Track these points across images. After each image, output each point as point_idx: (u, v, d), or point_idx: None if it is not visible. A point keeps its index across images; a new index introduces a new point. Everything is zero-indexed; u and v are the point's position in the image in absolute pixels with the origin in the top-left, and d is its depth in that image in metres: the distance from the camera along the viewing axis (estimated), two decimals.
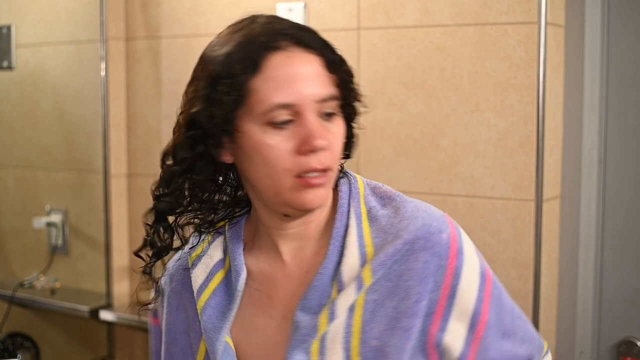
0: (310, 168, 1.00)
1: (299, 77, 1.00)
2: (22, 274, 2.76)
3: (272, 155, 1.01)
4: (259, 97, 1.00)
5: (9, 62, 2.74)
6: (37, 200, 2.76)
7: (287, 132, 1.01)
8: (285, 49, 1.01)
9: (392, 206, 1.10)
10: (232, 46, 1.02)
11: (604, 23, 2.03)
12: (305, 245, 1.10)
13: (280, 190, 1.03)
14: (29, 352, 2.64)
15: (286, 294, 1.09)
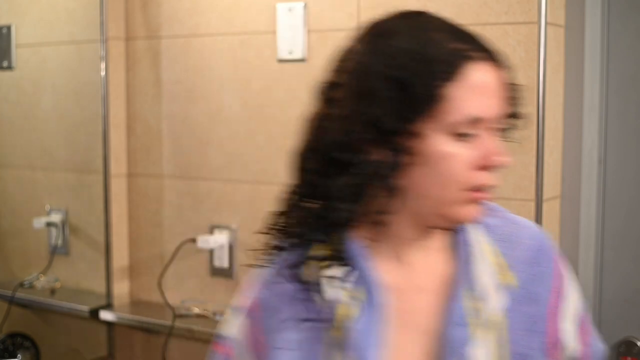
0: (483, 184, 1.00)
1: (493, 92, 0.99)
2: (22, 274, 2.76)
3: (450, 166, 0.97)
4: (452, 105, 0.96)
5: (9, 62, 2.74)
6: (37, 200, 2.76)
7: (469, 145, 0.98)
8: (483, 61, 0.98)
9: (496, 216, 1.11)
10: (421, 45, 0.97)
11: (604, 23, 2.03)
12: (430, 256, 1.08)
13: (445, 202, 1.00)
14: (29, 352, 2.63)
15: (422, 307, 1.05)
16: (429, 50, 0.96)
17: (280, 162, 2.32)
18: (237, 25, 2.36)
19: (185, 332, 2.41)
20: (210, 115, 2.43)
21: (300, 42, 2.24)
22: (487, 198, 1.02)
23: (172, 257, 2.50)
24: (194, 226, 2.49)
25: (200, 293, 2.50)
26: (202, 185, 2.47)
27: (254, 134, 2.36)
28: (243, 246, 2.41)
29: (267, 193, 2.35)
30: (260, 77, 2.33)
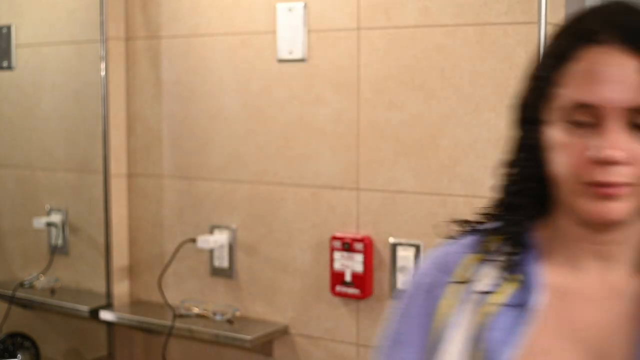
0: (592, 181, 0.90)
1: (607, 78, 0.90)
2: (22, 274, 2.76)
3: (562, 155, 0.93)
4: (561, 90, 0.93)
5: (9, 62, 2.74)
6: (37, 200, 2.76)
7: (585, 132, 0.91)
8: (604, 44, 0.91)
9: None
10: (555, 33, 0.97)
11: None
12: (613, 267, 0.98)
13: (569, 193, 0.94)
14: (29, 352, 2.63)
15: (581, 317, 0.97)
16: (556, 36, 0.97)
17: (280, 162, 2.33)
18: (237, 25, 2.36)
19: (185, 332, 2.41)
20: (210, 115, 2.44)
21: (300, 42, 2.24)
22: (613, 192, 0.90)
23: (172, 257, 2.50)
24: (194, 226, 2.49)
25: (200, 293, 2.50)
26: (202, 185, 2.47)
27: (254, 134, 2.36)
28: (243, 246, 2.41)
29: (267, 193, 2.35)
30: (260, 77, 2.34)
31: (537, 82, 0.97)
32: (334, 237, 2.21)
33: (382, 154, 2.13)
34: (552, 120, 0.95)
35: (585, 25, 0.94)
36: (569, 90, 0.93)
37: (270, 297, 2.37)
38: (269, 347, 2.36)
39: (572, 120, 0.93)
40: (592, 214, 0.92)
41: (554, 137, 0.94)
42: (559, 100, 0.94)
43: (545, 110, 0.96)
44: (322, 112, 2.24)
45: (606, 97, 0.90)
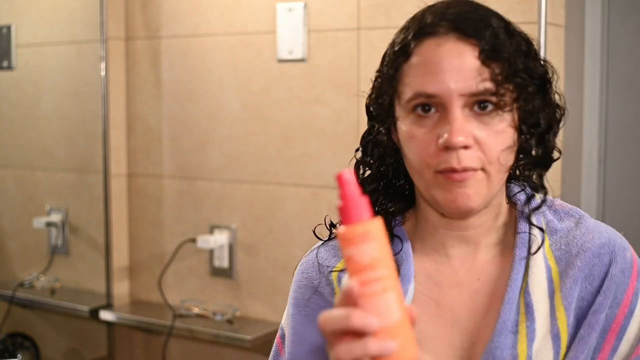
0: (448, 167, 0.93)
1: (444, 67, 0.93)
2: (22, 274, 2.76)
3: (415, 146, 0.96)
4: (405, 82, 0.96)
5: (9, 62, 2.74)
6: (37, 200, 2.76)
7: (431, 122, 0.95)
8: (439, 35, 0.95)
9: (570, 220, 1.04)
10: (399, 30, 1.00)
11: (604, 23, 2.03)
12: (476, 251, 1.03)
13: (426, 185, 0.97)
14: (29, 352, 2.64)
15: (455, 301, 1.02)
16: (397, 35, 1.00)
17: (280, 162, 2.33)
18: (237, 25, 2.36)
19: (185, 332, 2.41)
20: (210, 115, 2.44)
21: (300, 42, 2.24)
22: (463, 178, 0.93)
23: (172, 257, 2.50)
24: (194, 226, 2.49)
25: (200, 293, 2.50)
26: (202, 185, 2.47)
27: (254, 134, 2.36)
28: (243, 246, 2.41)
29: (267, 193, 2.35)
30: (260, 77, 2.34)
31: (383, 80, 1.00)
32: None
33: None
34: (401, 116, 0.98)
35: (421, 21, 0.98)
36: (411, 83, 0.95)
37: (270, 297, 2.37)
38: (269, 347, 2.35)
39: (417, 112, 0.95)
40: (447, 202, 0.95)
41: (404, 130, 0.97)
42: (404, 95, 0.96)
43: (395, 106, 0.99)
44: (322, 112, 2.24)
45: (444, 86, 0.93)
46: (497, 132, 0.94)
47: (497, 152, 0.94)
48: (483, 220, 1.02)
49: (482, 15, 0.97)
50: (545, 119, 0.99)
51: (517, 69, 0.95)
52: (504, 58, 0.94)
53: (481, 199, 0.96)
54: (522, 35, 0.99)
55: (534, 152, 1.00)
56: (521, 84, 0.95)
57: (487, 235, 1.03)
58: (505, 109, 0.94)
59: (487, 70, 0.93)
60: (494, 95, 0.93)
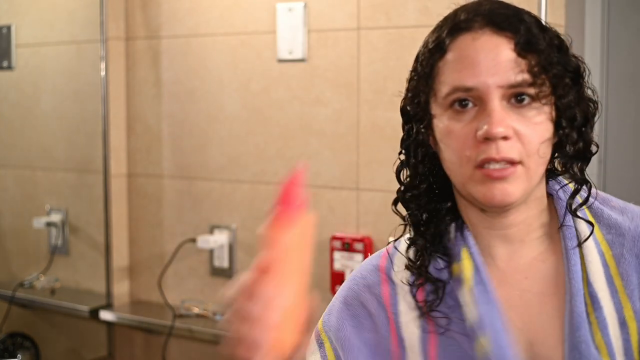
0: (487, 157, 0.93)
1: (480, 61, 0.94)
2: (22, 274, 2.76)
3: (453, 142, 0.96)
4: (441, 79, 0.97)
5: (9, 62, 2.74)
6: (37, 200, 2.76)
7: (469, 117, 0.95)
8: (474, 30, 0.96)
9: (612, 206, 1.05)
10: (432, 30, 1.01)
11: (604, 23, 2.03)
12: (520, 249, 1.02)
13: (464, 181, 0.96)
14: (29, 352, 2.63)
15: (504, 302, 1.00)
16: (431, 34, 1.00)
17: (280, 162, 2.32)
18: (237, 25, 2.36)
19: (185, 332, 2.41)
20: (210, 115, 2.43)
21: (300, 42, 2.24)
22: (504, 174, 0.93)
23: (172, 257, 2.50)
24: (194, 226, 2.49)
25: (200, 293, 2.50)
26: (202, 185, 2.47)
27: (254, 134, 2.36)
28: (243, 246, 2.41)
29: (267, 193, 2.35)
30: (260, 77, 2.33)
31: (419, 79, 1.00)
32: (334, 237, 2.21)
33: (382, 154, 2.13)
34: (438, 113, 0.98)
35: (454, 19, 0.98)
36: (447, 80, 0.96)
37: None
38: None
39: (454, 107, 0.96)
40: (487, 198, 0.95)
41: (441, 127, 0.97)
42: (441, 92, 0.97)
43: (432, 104, 0.99)
44: (322, 112, 2.24)
45: (482, 79, 0.93)
46: (536, 124, 0.95)
47: (536, 145, 0.94)
48: (524, 216, 1.01)
49: (515, 11, 0.98)
50: (581, 112, 0.99)
51: (552, 61, 0.95)
52: (539, 50, 0.95)
53: (520, 193, 0.95)
54: (553, 31, 0.99)
55: (570, 146, 1.00)
56: (557, 76, 0.96)
57: (530, 233, 1.02)
58: (543, 101, 0.95)
59: (524, 62, 0.94)
60: (531, 87, 0.94)
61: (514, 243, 1.02)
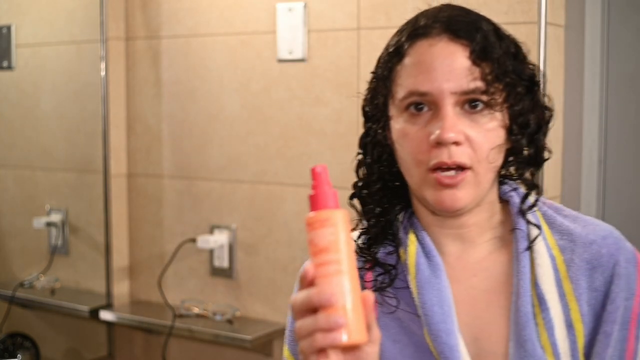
0: (439, 162, 0.96)
1: (437, 67, 0.97)
2: (22, 274, 2.76)
3: (407, 144, 0.99)
4: (399, 82, 1.00)
5: (9, 62, 2.74)
6: (37, 200, 2.76)
7: (424, 120, 0.98)
8: (431, 37, 0.99)
9: (564, 215, 1.07)
10: (394, 34, 1.05)
11: (604, 23, 2.03)
12: (471, 248, 1.06)
13: (418, 182, 1.00)
14: (29, 352, 2.63)
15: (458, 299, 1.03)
16: (393, 39, 1.05)
17: (280, 162, 2.33)
18: (237, 25, 2.36)
19: (185, 332, 2.41)
20: (210, 115, 2.44)
21: (300, 42, 2.24)
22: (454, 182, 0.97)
23: (172, 257, 2.50)
24: (194, 226, 2.49)
25: (200, 293, 2.50)
26: (202, 185, 2.47)
27: (254, 134, 2.36)
28: (243, 246, 2.41)
29: (267, 193, 2.35)
30: (260, 77, 2.34)
31: (378, 81, 1.04)
32: None
33: None
34: (395, 115, 1.01)
35: (414, 24, 1.02)
36: (404, 83, 0.99)
37: (270, 297, 2.37)
38: (269, 347, 2.36)
39: (410, 110, 0.99)
40: (438, 203, 0.98)
41: (397, 129, 1.00)
42: (398, 94, 1.00)
43: (390, 106, 1.02)
44: (322, 112, 2.24)
45: (436, 85, 0.96)
46: (487, 130, 0.97)
47: (487, 151, 0.97)
48: (476, 219, 1.04)
49: (473, 19, 1.00)
50: (535, 119, 1.02)
51: (506, 70, 0.98)
52: (493, 58, 0.97)
53: (469, 199, 0.99)
54: (510, 39, 1.02)
55: (525, 152, 1.02)
56: (510, 84, 0.98)
57: (481, 234, 1.05)
58: (496, 108, 0.97)
59: (478, 70, 0.96)
60: (484, 94, 0.96)
61: (465, 242, 1.06)
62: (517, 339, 0.99)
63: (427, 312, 1.00)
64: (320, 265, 0.82)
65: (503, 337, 1.01)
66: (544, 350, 0.98)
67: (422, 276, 1.02)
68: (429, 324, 0.99)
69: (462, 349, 0.99)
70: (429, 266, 1.03)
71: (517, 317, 0.99)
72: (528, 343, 0.98)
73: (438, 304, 1.00)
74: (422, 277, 1.02)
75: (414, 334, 1.02)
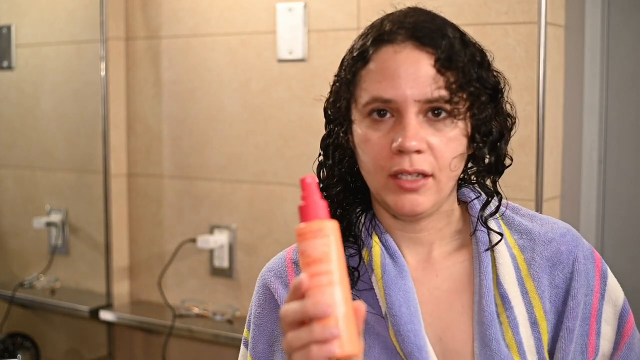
0: (400, 169, 0.96)
1: (402, 74, 0.96)
2: (22, 274, 2.76)
3: (369, 150, 0.99)
4: (362, 86, 0.99)
5: (9, 62, 2.74)
6: (37, 200, 2.76)
7: (387, 127, 0.98)
8: (396, 43, 0.98)
9: (522, 214, 1.09)
10: (359, 36, 1.04)
11: (604, 23, 2.03)
12: (431, 250, 1.06)
13: (378, 187, 1.00)
14: (29, 352, 2.63)
15: (421, 299, 1.04)
16: (356, 41, 1.04)
17: (280, 162, 2.33)
18: (237, 25, 2.36)
19: (185, 332, 2.41)
20: (210, 115, 2.44)
21: (300, 42, 2.24)
22: (415, 186, 0.97)
23: (172, 257, 2.50)
24: (194, 226, 2.49)
25: (200, 293, 2.50)
26: (202, 185, 2.47)
27: (254, 134, 2.36)
28: (243, 246, 2.41)
29: (267, 193, 2.35)
30: (260, 77, 2.33)
31: (341, 84, 1.03)
32: None
33: None
34: (357, 119, 1.01)
35: (379, 28, 1.01)
36: (368, 88, 0.98)
37: None
38: None
39: (372, 116, 0.98)
40: (399, 207, 0.98)
41: (359, 133, 1.00)
42: (361, 99, 0.99)
43: (352, 110, 1.02)
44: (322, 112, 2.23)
45: (400, 92, 0.95)
46: (450, 139, 0.97)
47: (449, 159, 0.98)
48: (435, 222, 1.05)
49: (439, 25, 0.99)
50: (497, 127, 1.02)
51: (470, 78, 0.98)
52: (458, 67, 0.97)
53: (429, 204, 0.99)
54: (476, 46, 1.02)
55: (486, 159, 1.03)
56: (474, 93, 0.98)
57: (441, 236, 1.06)
58: (459, 117, 0.97)
59: (442, 79, 0.96)
60: (447, 103, 0.96)
61: (425, 245, 1.06)
62: (481, 338, 1.00)
63: (394, 313, 1.00)
64: (314, 276, 0.81)
65: (467, 337, 1.02)
66: (509, 349, 0.99)
67: (388, 277, 1.02)
68: (397, 324, 1.00)
69: (429, 349, 0.99)
70: (395, 267, 1.03)
71: (481, 317, 1.00)
72: (493, 342, 0.98)
73: (405, 305, 1.00)
74: (388, 278, 1.02)
75: (379, 335, 1.02)
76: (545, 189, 1.94)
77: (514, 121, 1.05)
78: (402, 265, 1.03)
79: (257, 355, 1.08)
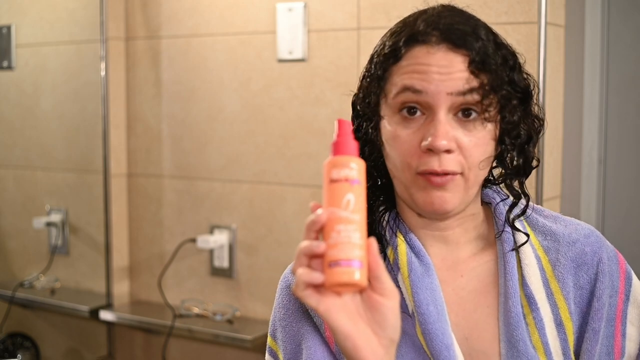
0: (429, 169, 0.96)
1: (434, 69, 0.96)
2: (22, 274, 2.76)
3: (398, 147, 0.99)
4: (393, 81, 0.99)
5: (9, 62, 2.74)
6: (37, 200, 2.76)
7: (417, 125, 0.97)
8: (430, 44, 0.97)
9: (545, 216, 1.09)
10: (390, 33, 1.02)
11: (604, 23, 2.03)
12: (456, 250, 1.06)
13: (406, 184, 1.00)
14: (29, 352, 2.64)
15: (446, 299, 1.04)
16: (388, 38, 1.02)
17: (280, 162, 2.33)
18: (237, 25, 2.36)
19: (185, 332, 2.41)
20: (210, 115, 2.44)
21: (300, 42, 2.24)
22: (442, 182, 0.96)
23: (172, 257, 2.50)
24: (194, 226, 2.49)
25: (200, 293, 2.50)
26: (202, 185, 2.47)
27: (254, 134, 2.36)
28: (243, 246, 2.41)
29: (267, 193, 2.35)
30: (260, 77, 2.34)
31: (372, 79, 1.03)
32: None
33: None
34: (387, 115, 1.01)
35: (413, 27, 0.99)
36: (399, 82, 0.98)
37: (270, 297, 2.36)
38: None
39: (402, 113, 0.98)
40: (426, 204, 0.98)
41: (388, 129, 1.00)
42: (391, 93, 0.99)
43: (381, 106, 1.02)
44: (322, 112, 2.24)
45: (432, 85, 0.95)
46: (479, 139, 0.97)
47: (478, 159, 0.98)
48: (461, 222, 1.05)
49: (473, 27, 0.99)
50: (526, 130, 1.02)
51: (502, 81, 0.98)
52: (491, 70, 0.97)
53: (457, 202, 0.99)
54: (508, 48, 1.02)
55: (514, 162, 1.03)
56: (506, 96, 0.98)
57: (466, 235, 1.06)
58: (489, 120, 0.97)
59: (475, 80, 0.96)
60: (479, 105, 0.96)
61: (450, 244, 1.06)
62: (508, 339, 0.99)
63: (422, 311, 1.00)
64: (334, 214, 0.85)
65: (493, 337, 1.01)
66: (535, 350, 0.99)
67: (415, 275, 1.02)
68: (424, 323, 0.99)
69: (456, 348, 0.99)
70: (421, 265, 1.03)
71: (508, 318, 1.00)
72: (520, 343, 0.98)
73: (432, 303, 1.00)
74: (415, 277, 1.02)
75: (405, 333, 1.02)
76: (545, 189, 1.94)
77: (542, 123, 1.05)
78: (428, 264, 1.03)
79: (288, 356, 1.08)
